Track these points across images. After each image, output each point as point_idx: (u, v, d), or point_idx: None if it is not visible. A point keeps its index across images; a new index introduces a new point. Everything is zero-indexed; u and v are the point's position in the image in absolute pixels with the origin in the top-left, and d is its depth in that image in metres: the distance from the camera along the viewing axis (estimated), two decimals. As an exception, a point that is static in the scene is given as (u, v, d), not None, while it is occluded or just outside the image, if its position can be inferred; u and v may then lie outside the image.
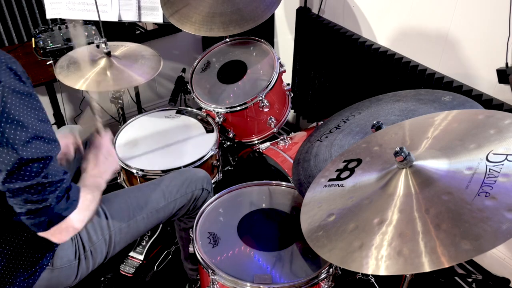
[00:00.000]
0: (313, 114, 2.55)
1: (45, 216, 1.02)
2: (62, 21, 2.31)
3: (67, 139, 1.51)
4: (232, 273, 1.26)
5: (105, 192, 1.44)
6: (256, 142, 2.05)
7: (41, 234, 1.06)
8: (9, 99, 0.95)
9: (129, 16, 2.22)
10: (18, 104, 0.96)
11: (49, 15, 2.20)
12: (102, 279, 1.94)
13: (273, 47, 2.19)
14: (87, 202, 1.12)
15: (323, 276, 1.26)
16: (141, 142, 1.83)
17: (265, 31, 2.73)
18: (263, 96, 1.90)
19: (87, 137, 1.73)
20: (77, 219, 1.08)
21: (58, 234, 1.07)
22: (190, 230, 1.42)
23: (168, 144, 1.81)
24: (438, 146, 1.03)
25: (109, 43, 1.89)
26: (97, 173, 1.28)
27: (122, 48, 1.97)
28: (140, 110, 2.63)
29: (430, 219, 0.87)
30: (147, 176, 1.68)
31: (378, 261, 0.87)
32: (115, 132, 1.88)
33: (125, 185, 1.83)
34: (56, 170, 1.02)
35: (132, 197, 1.43)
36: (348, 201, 1.06)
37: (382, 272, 0.86)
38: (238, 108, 1.91)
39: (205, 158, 1.73)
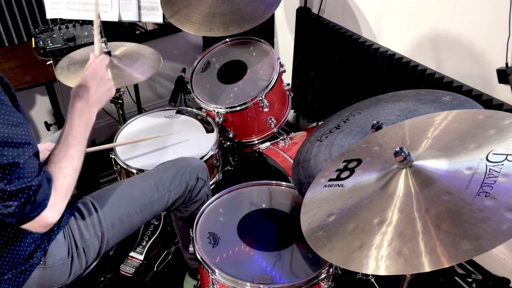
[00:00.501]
0: (313, 114, 2.55)
1: (12, 219, 1.01)
2: (62, 21, 2.31)
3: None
4: (232, 273, 1.26)
5: (98, 188, 1.44)
6: (256, 142, 2.05)
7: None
8: None
9: (129, 16, 2.22)
10: None
11: (49, 15, 2.20)
12: (102, 279, 1.93)
13: (273, 47, 2.19)
14: (63, 191, 1.08)
15: (323, 276, 1.26)
16: (141, 142, 1.83)
17: (265, 31, 2.73)
18: (263, 96, 1.90)
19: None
20: (51, 215, 1.05)
21: (33, 229, 1.06)
22: (190, 230, 1.42)
23: (168, 144, 1.81)
24: (438, 146, 1.03)
25: (109, 43, 1.89)
26: (86, 105, 1.19)
27: (122, 48, 1.97)
28: (140, 110, 2.63)
29: (430, 219, 0.87)
30: (147, 176, 1.68)
31: (378, 261, 0.87)
32: (115, 132, 1.89)
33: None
34: (24, 174, 0.98)
35: (124, 191, 1.40)
36: (348, 201, 1.06)
37: (382, 272, 0.86)
38: (238, 108, 1.91)
39: (205, 158, 1.73)
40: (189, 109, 2.03)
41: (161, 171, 1.50)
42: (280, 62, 1.98)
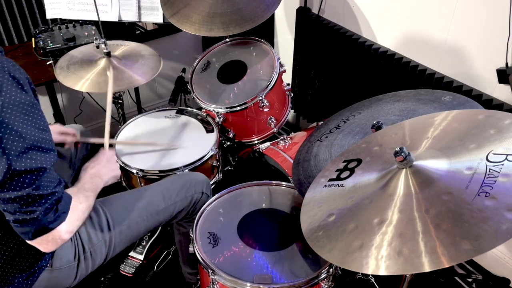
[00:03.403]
0: (313, 114, 2.55)
1: (31, 227, 1.03)
2: (62, 21, 2.31)
3: (67, 130, 1.53)
4: (232, 273, 1.26)
5: (106, 193, 1.45)
6: (256, 142, 2.05)
7: (28, 242, 1.07)
8: (9, 109, 0.95)
9: (129, 16, 2.22)
10: (19, 114, 0.96)
11: (49, 15, 2.20)
12: (102, 279, 1.94)
13: (273, 47, 2.19)
14: (78, 212, 1.13)
15: (323, 276, 1.26)
16: (141, 142, 1.83)
17: (265, 31, 2.73)
18: (263, 96, 1.90)
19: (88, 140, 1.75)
20: (66, 230, 1.08)
21: (44, 244, 1.07)
22: (190, 230, 1.42)
23: (168, 144, 1.81)
24: (438, 146, 1.03)
25: (109, 42, 1.88)
26: (97, 172, 1.28)
27: (122, 48, 1.97)
28: (140, 110, 2.63)
29: (430, 219, 0.87)
30: (147, 176, 1.68)
31: (378, 261, 0.87)
32: (115, 132, 1.88)
33: (125, 185, 1.83)
34: (49, 181, 1.02)
35: (133, 199, 1.44)
36: (348, 201, 1.06)
37: (382, 272, 0.86)
38: (238, 108, 1.91)
39: (205, 158, 1.73)
40: (189, 109, 2.03)
41: (168, 182, 1.53)
42: (280, 62, 1.98)
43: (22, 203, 0.99)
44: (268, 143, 1.94)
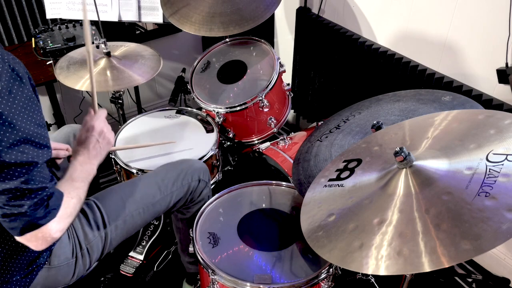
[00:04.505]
0: (313, 114, 2.56)
1: (19, 222, 1.00)
2: (62, 21, 2.31)
3: (60, 147, 1.50)
4: (232, 273, 1.27)
5: (101, 189, 1.44)
6: (256, 142, 2.05)
7: (17, 238, 1.04)
8: (4, 99, 0.94)
9: (129, 16, 2.22)
10: (15, 106, 0.95)
11: (49, 15, 2.21)
12: (102, 279, 1.93)
13: (273, 47, 2.19)
14: (70, 209, 1.10)
15: (323, 276, 1.26)
16: (141, 142, 1.83)
17: (265, 31, 2.73)
18: (263, 96, 1.90)
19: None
20: (56, 228, 1.05)
21: (34, 241, 1.05)
22: (190, 230, 1.42)
23: (168, 144, 1.81)
24: (438, 146, 1.03)
25: (109, 43, 1.89)
26: (87, 159, 1.24)
27: (122, 48, 1.97)
28: (140, 110, 2.63)
29: (430, 219, 0.87)
30: (147, 176, 1.68)
31: (378, 261, 0.87)
32: (115, 132, 1.88)
33: (125, 185, 1.83)
34: (41, 177, 1.00)
35: (127, 192, 1.41)
36: (348, 201, 1.06)
37: (382, 272, 0.86)
38: (238, 108, 1.91)
39: (205, 158, 1.73)
40: (189, 109, 2.03)
41: (163, 172, 1.51)
42: (280, 62, 1.98)
43: (10, 196, 0.97)
44: (268, 143, 1.94)
